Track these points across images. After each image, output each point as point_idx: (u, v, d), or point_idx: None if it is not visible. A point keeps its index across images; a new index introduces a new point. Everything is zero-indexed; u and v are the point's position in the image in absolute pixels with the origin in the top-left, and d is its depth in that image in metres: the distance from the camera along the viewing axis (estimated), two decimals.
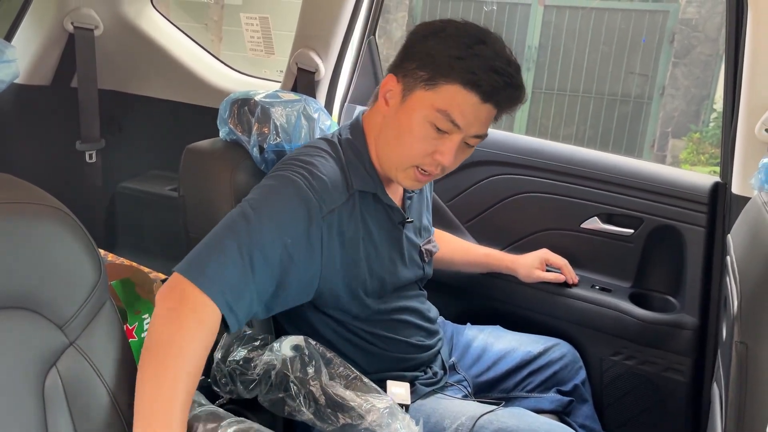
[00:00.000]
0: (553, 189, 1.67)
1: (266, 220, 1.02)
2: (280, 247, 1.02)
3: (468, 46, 1.05)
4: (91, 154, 2.12)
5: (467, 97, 1.06)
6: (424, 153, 1.10)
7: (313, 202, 1.06)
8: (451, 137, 1.09)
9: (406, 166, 1.13)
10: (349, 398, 1.06)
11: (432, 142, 1.09)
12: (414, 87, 1.09)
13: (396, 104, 1.12)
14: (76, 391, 0.86)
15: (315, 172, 1.09)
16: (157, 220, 2.20)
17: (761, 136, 1.36)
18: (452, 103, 1.06)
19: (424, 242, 1.33)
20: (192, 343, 0.92)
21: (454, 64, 1.05)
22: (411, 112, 1.09)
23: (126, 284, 1.45)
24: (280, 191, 1.07)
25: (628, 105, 5.54)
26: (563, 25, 5.56)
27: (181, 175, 1.33)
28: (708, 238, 1.52)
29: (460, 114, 1.07)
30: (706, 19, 5.27)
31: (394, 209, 1.22)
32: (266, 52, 2.39)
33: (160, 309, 0.95)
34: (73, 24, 2.02)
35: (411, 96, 1.09)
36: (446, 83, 1.06)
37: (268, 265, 1.01)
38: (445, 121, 1.07)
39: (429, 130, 1.08)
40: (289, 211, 1.05)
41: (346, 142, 1.19)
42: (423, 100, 1.08)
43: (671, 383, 1.53)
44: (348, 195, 1.13)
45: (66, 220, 0.86)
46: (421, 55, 1.08)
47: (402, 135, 1.11)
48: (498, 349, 1.44)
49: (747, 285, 0.93)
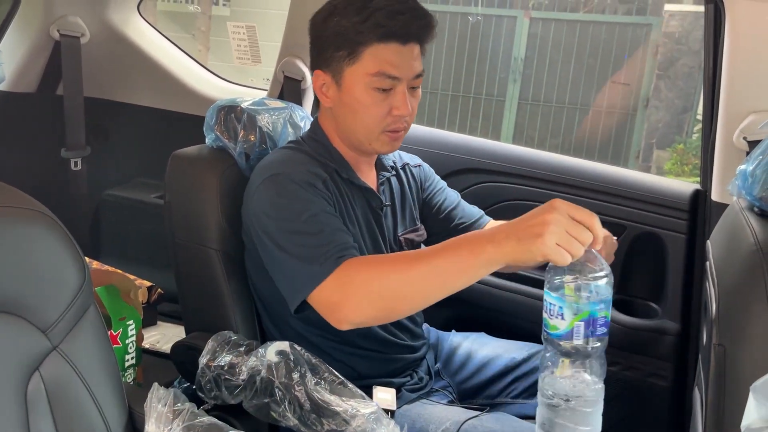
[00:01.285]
0: (538, 197, 1.69)
1: (299, 206, 1.08)
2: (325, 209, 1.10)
3: (362, 6, 1.10)
4: (77, 162, 2.11)
5: (388, 48, 1.11)
6: (382, 115, 1.15)
7: (309, 178, 1.12)
8: (397, 89, 1.14)
9: (376, 134, 1.18)
10: (334, 403, 1.06)
11: (383, 103, 1.14)
12: (341, 69, 1.14)
13: (335, 92, 1.17)
14: (59, 395, 0.86)
15: (289, 161, 1.16)
16: (143, 227, 2.19)
17: (739, 144, 1.39)
18: (380, 62, 1.11)
19: (405, 231, 1.33)
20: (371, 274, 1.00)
21: (360, 28, 1.10)
22: (351, 90, 1.14)
23: (110, 291, 1.45)
24: (280, 189, 1.11)
25: (613, 116, 5.60)
26: (549, 37, 5.61)
27: (167, 181, 1.33)
28: (689, 245, 1.54)
29: (392, 66, 1.11)
30: (688, 32, 5.35)
31: (370, 191, 1.25)
32: (253, 60, 2.40)
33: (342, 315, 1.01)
34: (59, 31, 2.01)
35: (342, 77, 1.14)
36: (365, 48, 1.11)
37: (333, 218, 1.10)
38: (384, 79, 1.12)
39: (375, 94, 1.13)
40: (300, 192, 1.10)
41: (308, 137, 1.26)
42: (355, 74, 1.13)
43: (654, 388, 1.54)
44: (326, 173, 1.18)
45: (50, 224, 0.86)
46: (330, 38, 1.13)
47: (356, 112, 1.16)
48: (483, 356, 1.45)
49: (725, 288, 0.94)
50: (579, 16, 5.55)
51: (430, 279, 0.96)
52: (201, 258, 1.27)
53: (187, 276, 1.32)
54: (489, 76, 5.83)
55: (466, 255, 0.92)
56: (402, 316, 1.15)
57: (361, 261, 1.02)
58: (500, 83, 5.81)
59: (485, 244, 0.90)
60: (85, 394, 0.89)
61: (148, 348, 1.73)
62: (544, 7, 5.74)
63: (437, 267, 0.95)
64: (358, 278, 0.99)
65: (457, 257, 0.93)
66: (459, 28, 5.77)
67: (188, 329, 1.35)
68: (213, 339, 1.16)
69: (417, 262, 0.97)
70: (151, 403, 0.99)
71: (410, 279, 0.97)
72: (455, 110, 5.97)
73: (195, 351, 1.18)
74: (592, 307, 0.83)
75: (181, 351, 1.25)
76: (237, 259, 1.27)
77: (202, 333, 1.25)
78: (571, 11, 5.62)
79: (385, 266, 0.99)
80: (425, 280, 0.97)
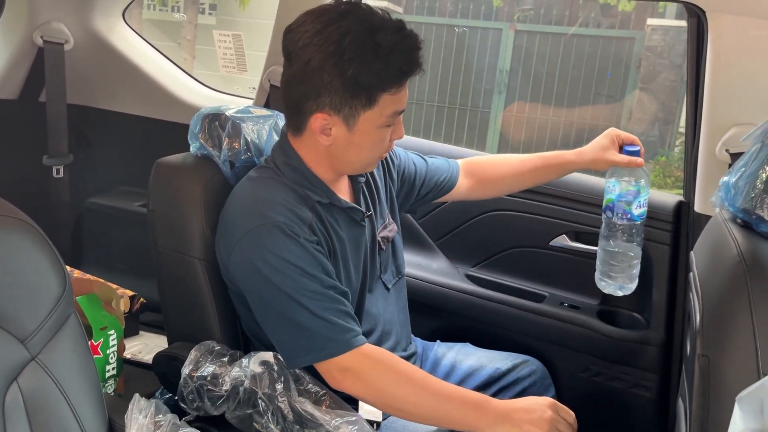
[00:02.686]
0: (523, 207, 1.69)
1: (292, 272, 1.09)
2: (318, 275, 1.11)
3: (374, 48, 1.07)
4: (59, 169, 2.09)
5: (402, 90, 1.13)
6: (385, 147, 1.19)
7: (295, 227, 1.11)
8: (397, 119, 1.17)
9: (374, 162, 1.22)
10: (318, 415, 1.05)
11: (388, 135, 1.17)
12: (356, 113, 1.11)
13: (342, 133, 1.14)
14: (37, 406, 0.84)
15: (272, 204, 1.13)
16: (126, 236, 2.16)
17: (721, 156, 1.40)
18: (394, 102, 1.13)
19: (380, 230, 1.33)
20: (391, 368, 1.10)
21: (381, 76, 1.09)
22: (365, 132, 1.14)
23: (92, 300, 1.43)
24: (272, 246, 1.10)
25: (596, 129, 5.66)
26: (534, 49, 5.67)
27: (150, 189, 1.32)
28: (672, 256, 1.55)
29: (401, 103, 1.14)
30: (670, 46, 5.43)
31: (352, 209, 1.24)
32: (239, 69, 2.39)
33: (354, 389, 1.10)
34: (42, 38, 2.00)
35: (357, 121, 1.12)
36: (384, 93, 1.11)
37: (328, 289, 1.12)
38: (395, 117, 1.15)
39: (384, 131, 1.15)
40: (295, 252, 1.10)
41: (283, 164, 1.20)
42: (372, 117, 1.12)
43: (638, 399, 1.55)
44: (309, 209, 1.16)
45: (31, 232, 0.85)
46: (345, 85, 1.09)
47: (363, 149, 1.17)
48: (467, 366, 1.44)
49: (708, 299, 0.95)
50: (563, 29, 5.62)
51: (429, 413, 1.09)
52: (184, 267, 1.26)
53: (170, 285, 1.31)
54: (475, 88, 5.87)
55: (471, 418, 1.06)
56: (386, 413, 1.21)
57: (382, 356, 1.12)
58: (485, 95, 5.86)
59: (492, 422, 1.05)
60: (64, 406, 0.87)
61: (129, 358, 1.71)
62: (530, 20, 5.80)
63: (442, 409, 1.08)
64: (376, 373, 1.10)
65: (463, 414, 1.06)
66: (445, 40, 5.81)
67: (171, 339, 1.33)
68: (196, 349, 1.15)
69: (430, 394, 1.08)
70: (132, 414, 0.98)
71: (415, 401, 1.08)
72: (441, 121, 5.99)
73: (177, 361, 1.16)
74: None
75: (163, 361, 1.23)
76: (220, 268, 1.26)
77: (184, 343, 1.23)
78: (555, 24, 5.68)
79: (401, 374, 1.10)
80: (423, 411, 1.09)
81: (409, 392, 1.08)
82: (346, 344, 1.09)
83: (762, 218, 0.94)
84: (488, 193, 1.51)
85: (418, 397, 1.08)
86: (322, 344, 1.09)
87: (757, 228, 0.96)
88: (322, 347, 1.09)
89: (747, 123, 1.37)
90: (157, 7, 6.84)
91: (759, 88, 1.36)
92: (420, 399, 1.08)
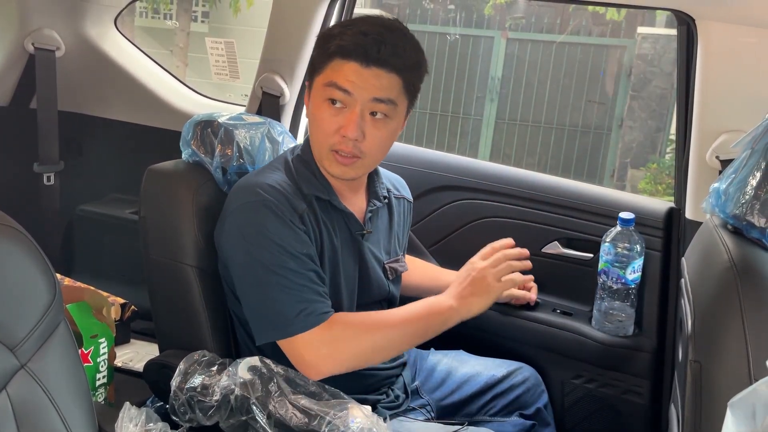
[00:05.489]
0: (515, 214, 1.70)
1: (275, 248, 1.11)
2: (300, 257, 1.13)
3: (342, 26, 1.15)
4: (49, 177, 2.07)
5: (347, 65, 1.12)
6: (331, 131, 1.15)
7: (285, 210, 1.13)
8: (350, 109, 1.14)
9: (325, 151, 1.18)
10: (318, 409, 1.05)
11: (334, 119, 1.15)
12: (313, 80, 1.19)
13: (309, 103, 1.20)
14: (26, 415, 0.83)
15: (267, 186, 1.15)
16: (117, 243, 2.15)
17: (712, 163, 1.41)
18: (336, 74, 1.13)
19: (390, 260, 1.33)
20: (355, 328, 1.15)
21: (329, 44, 1.13)
22: (314, 100, 1.18)
23: (82, 307, 1.42)
24: (259, 220, 1.12)
25: (588, 136, 5.68)
26: (525, 57, 5.70)
27: (142, 196, 1.31)
28: (664, 262, 1.56)
29: (345, 79, 1.12)
30: (661, 54, 5.47)
31: (350, 216, 1.24)
32: (231, 76, 2.39)
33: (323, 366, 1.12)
34: (34, 45, 1.99)
35: (312, 89, 1.19)
36: (328, 61, 1.14)
37: (308, 271, 1.13)
38: (335, 91, 1.13)
39: (327, 107, 1.15)
40: (280, 230, 1.12)
41: (296, 157, 1.25)
42: (317, 85, 1.16)
43: (631, 405, 1.55)
44: (305, 202, 1.17)
45: (20, 238, 0.84)
46: (317, 54, 1.18)
47: (312, 123, 1.19)
48: (462, 373, 1.44)
49: (700, 305, 0.95)
50: (555, 37, 5.65)
51: (407, 339, 1.18)
52: (176, 274, 1.25)
53: (161, 293, 1.30)
54: (467, 95, 5.89)
55: (437, 321, 1.18)
56: (373, 365, 1.24)
57: (347, 319, 1.16)
58: (478, 102, 5.88)
59: (453, 312, 1.19)
60: (53, 414, 0.86)
61: (120, 366, 1.70)
62: (521, 28, 5.83)
63: (415, 330, 1.17)
64: (347, 335, 1.13)
65: (431, 321, 1.18)
66: (437, 48, 5.83)
67: (162, 347, 1.32)
68: (184, 361, 1.14)
69: (398, 325, 1.17)
70: (123, 423, 0.97)
71: (391, 338, 1.16)
72: (433, 128, 6.01)
73: (169, 369, 1.15)
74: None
75: (154, 369, 1.22)
76: (213, 275, 1.25)
77: (176, 351, 1.22)
78: (547, 32, 5.71)
79: (370, 327, 1.16)
80: (402, 340, 1.18)
81: (378, 340, 1.15)
82: (312, 322, 1.10)
83: (752, 224, 0.95)
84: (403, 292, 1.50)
85: (387, 339, 1.16)
86: (289, 321, 1.10)
87: (747, 234, 0.96)
88: (289, 324, 1.10)
89: (737, 130, 1.38)
90: (150, 14, 6.84)
91: (748, 95, 1.37)
92: (391, 338, 1.16)
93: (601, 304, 1.52)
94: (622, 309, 1.50)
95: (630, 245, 1.46)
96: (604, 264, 1.49)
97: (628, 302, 1.50)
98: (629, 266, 1.46)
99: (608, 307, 1.51)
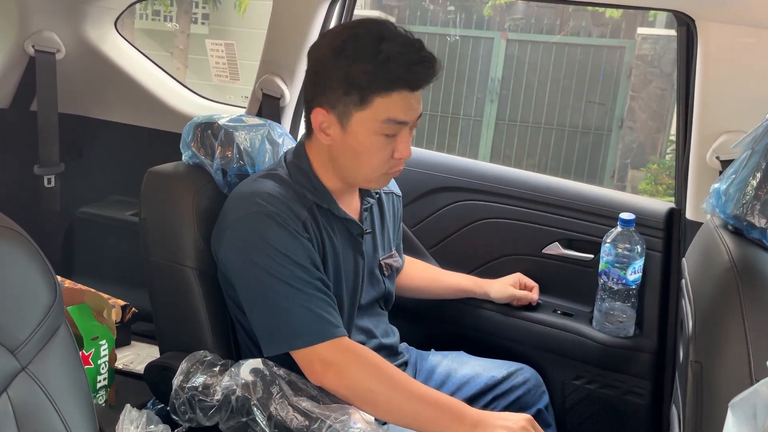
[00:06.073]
0: (515, 215, 1.69)
1: (281, 258, 1.10)
2: (306, 265, 1.12)
3: (375, 53, 1.09)
4: (50, 179, 2.08)
5: (399, 96, 1.11)
6: (385, 159, 1.16)
7: (288, 219, 1.12)
8: (402, 133, 1.15)
9: (377, 176, 1.19)
10: (319, 412, 1.05)
11: (387, 147, 1.15)
12: (349, 112, 1.12)
13: (338, 133, 1.15)
14: (27, 417, 0.83)
15: (267, 195, 1.14)
16: (117, 245, 2.15)
17: (712, 164, 1.41)
18: (391, 109, 1.11)
19: (385, 256, 1.33)
20: (371, 363, 1.10)
21: (374, 78, 1.09)
22: (357, 134, 1.13)
23: (83, 310, 1.42)
24: (262, 231, 1.11)
25: (588, 136, 5.68)
26: (525, 58, 5.70)
27: (142, 198, 1.32)
28: (664, 263, 1.56)
29: (402, 113, 1.12)
30: (660, 55, 5.47)
31: (351, 222, 1.25)
32: (231, 77, 2.40)
33: (334, 382, 1.09)
34: (34, 47, 1.99)
35: (350, 121, 1.13)
36: (377, 96, 1.10)
37: (315, 280, 1.12)
38: (392, 126, 1.12)
39: (381, 140, 1.13)
40: (285, 240, 1.11)
41: (292, 164, 1.23)
42: (364, 119, 1.12)
43: (632, 406, 1.55)
44: (306, 209, 1.17)
45: (21, 240, 0.84)
46: (339, 81, 1.11)
47: (359, 155, 1.15)
48: (462, 374, 1.44)
49: (700, 306, 0.95)
50: (555, 38, 5.65)
51: (404, 413, 1.08)
52: (176, 276, 1.25)
53: (162, 294, 1.30)
54: (467, 97, 5.89)
55: (446, 422, 1.05)
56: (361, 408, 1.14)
57: (363, 353, 1.12)
58: (478, 103, 5.88)
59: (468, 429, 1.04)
60: (54, 417, 0.86)
61: (121, 368, 1.70)
62: (521, 29, 5.83)
63: (417, 410, 1.07)
64: (359, 365, 1.09)
65: (438, 417, 1.06)
66: (437, 49, 5.83)
67: (163, 349, 1.32)
68: (186, 360, 1.14)
69: (407, 394, 1.08)
70: (123, 425, 0.97)
71: (391, 399, 1.08)
72: (433, 130, 6.01)
73: (169, 371, 1.15)
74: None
75: (155, 371, 1.22)
76: (213, 277, 1.25)
77: (176, 353, 1.22)
78: (547, 33, 5.71)
79: (380, 372, 1.10)
80: (398, 410, 1.09)
81: (386, 389, 1.08)
82: (326, 334, 1.09)
83: (753, 224, 0.95)
84: (404, 294, 1.53)
85: (394, 395, 1.08)
86: (301, 331, 1.09)
87: (747, 234, 0.96)
88: (301, 334, 1.09)
89: (737, 130, 1.38)
90: (150, 16, 6.84)
91: (748, 96, 1.37)
92: (396, 397, 1.08)
93: (601, 304, 1.52)
94: (623, 310, 1.51)
95: (630, 246, 1.46)
96: (605, 265, 1.49)
97: (629, 303, 1.50)
98: (630, 267, 1.46)
99: (609, 307, 1.51)
